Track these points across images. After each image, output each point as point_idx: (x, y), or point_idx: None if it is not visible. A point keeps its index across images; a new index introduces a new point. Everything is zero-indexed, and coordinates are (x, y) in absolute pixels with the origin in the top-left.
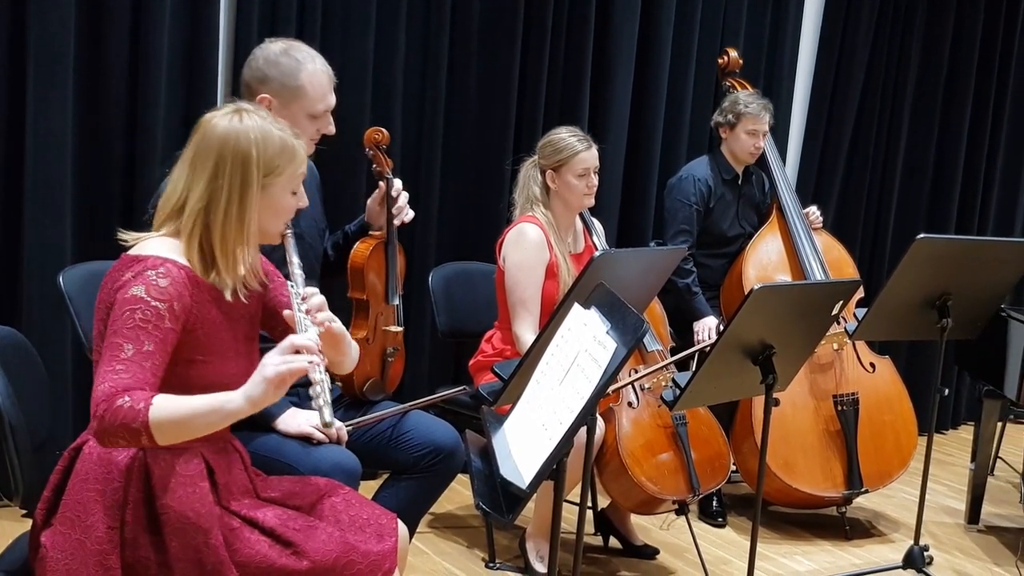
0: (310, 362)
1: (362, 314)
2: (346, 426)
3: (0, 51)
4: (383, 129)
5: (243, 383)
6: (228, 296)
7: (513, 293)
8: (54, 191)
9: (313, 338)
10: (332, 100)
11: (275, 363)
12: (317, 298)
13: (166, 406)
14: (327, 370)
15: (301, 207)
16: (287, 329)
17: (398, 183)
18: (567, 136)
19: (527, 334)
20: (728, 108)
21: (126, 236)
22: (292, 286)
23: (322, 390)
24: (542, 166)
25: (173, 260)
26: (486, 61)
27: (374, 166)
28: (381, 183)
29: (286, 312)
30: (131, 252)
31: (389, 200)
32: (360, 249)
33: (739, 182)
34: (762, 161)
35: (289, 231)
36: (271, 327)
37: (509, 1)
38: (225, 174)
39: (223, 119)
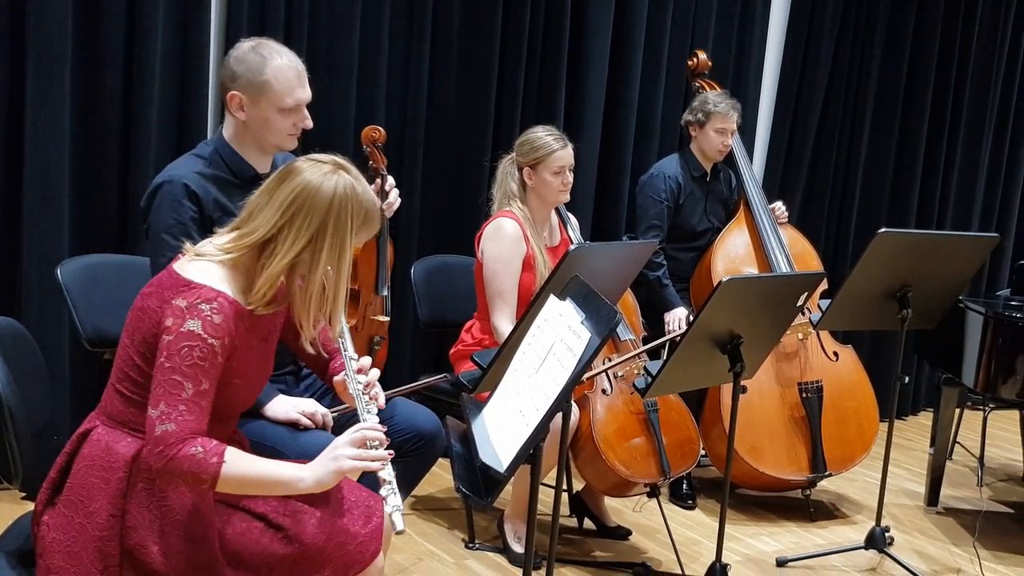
0: (382, 461)
1: (352, 303)
2: (331, 412)
3: (0, 52)
4: (380, 128)
5: (256, 395)
6: (309, 348)
7: (491, 285)
8: (52, 187)
9: (377, 425)
10: (302, 95)
11: (349, 455)
12: (373, 373)
13: (238, 466)
14: None
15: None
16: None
17: (391, 180)
18: (544, 135)
19: (504, 324)
20: (698, 107)
21: (191, 249)
22: (343, 347)
23: (392, 491)
24: (519, 163)
25: (224, 294)
26: (466, 64)
27: (370, 163)
28: (377, 180)
29: (337, 380)
30: (180, 271)
31: (382, 196)
32: None
33: (707, 179)
34: (730, 159)
35: (343, 323)
36: (289, 339)
37: (488, 7)
38: (327, 238)
39: (328, 178)
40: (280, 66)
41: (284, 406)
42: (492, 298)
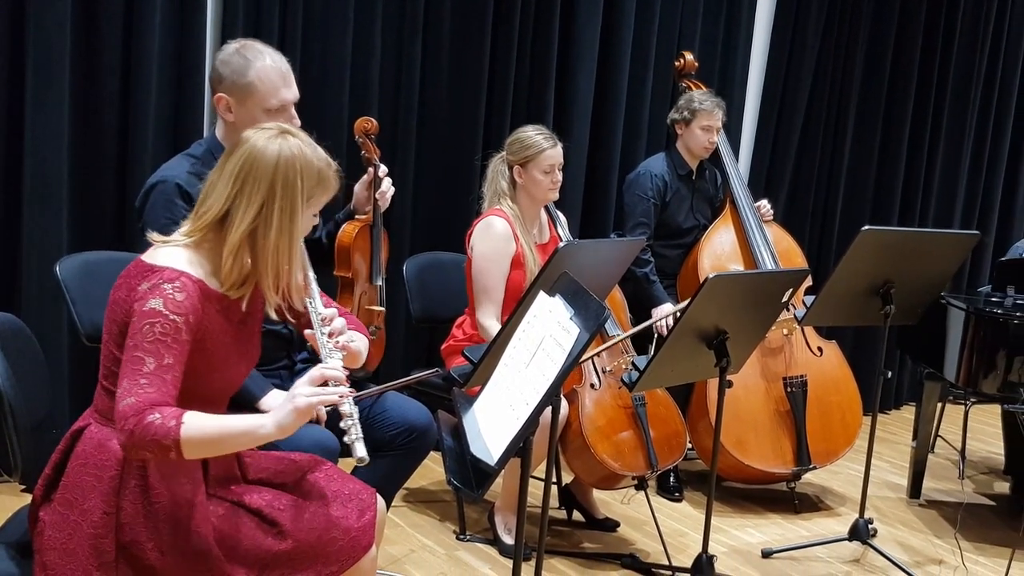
0: (340, 395)
1: (347, 292)
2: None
3: (0, 54)
4: (372, 119)
5: (239, 383)
6: (272, 314)
7: (478, 282)
8: (51, 186)
9: (340, 367)
10: (287, 95)
11: (306, 394)
12: (338, 321)
13: (197, 425)
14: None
15: (315, 223)
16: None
17: (383, 168)
18: (534, 134)
19: (488, 320)
20: (684, 106)
21: (156, 237)
22: (310, 303)
23: (353, 423)
24: (510, 161)
25: (187, 273)
26: (457, 64)
27: (363, 152)
28: (369, 169)
29: (307, 332)
30: (146, 258)
31: (375, 185)
32: (347, 230)
33: (693, 177)
34: (716, 157)
35: (312, 282)
36: (282, 316)
37: (479, 8)
38: (276, 201)
39: (272, 142)
40: (264, 67)
41: (278, 400)
42: (478, 295)
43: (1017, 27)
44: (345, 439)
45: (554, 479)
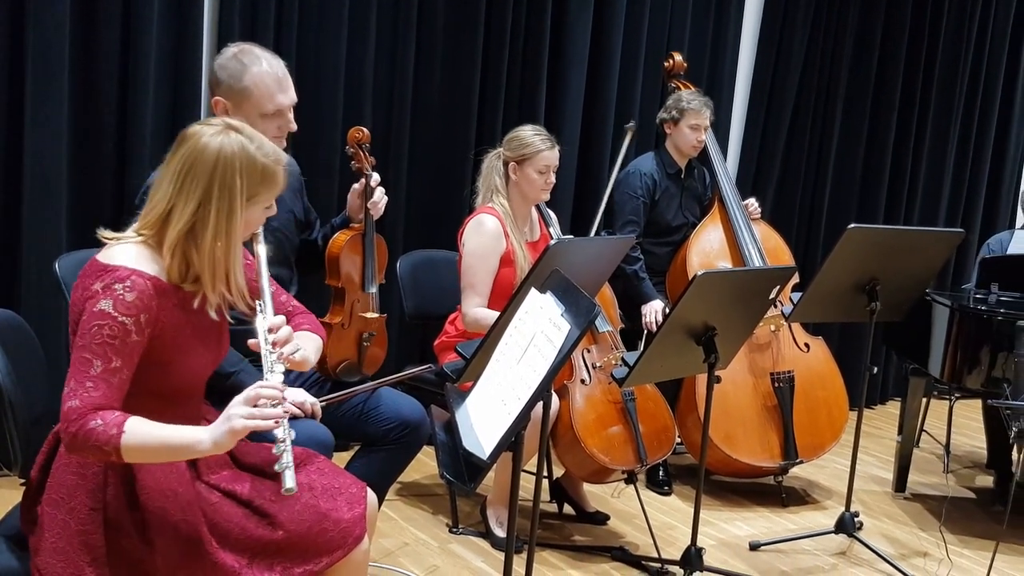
0: (276, 420)
1: (338, 301)
2: (320, 402)
3: (1, 55)
4: (364, 128)
5: (208, 374)
6: (213, 314)
7: (465, 276)
8: (50, 185)
9: (279, 384)
10: (283, 100)
11: (242, 415)
12: (284, 331)
13: (138, 433)
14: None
15: (270, 215)
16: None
17: (376, 176)
18: (534, 135)
19: (471, 308)
20: (672, 105)
21: (106, 234)
22: (260, 308)
23: (285, 449)
24: (506, 158)
25: (140, 271)
26: (450, 65)
27: (353, 163)
28: (362, 179)
29: (251, 341)
30: (101, 258)
31: (367, 194)
32: (337, 240)
33: (682, 176)
34: (704, 157)
35: (261, 242)
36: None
37: (471, 11)
38: (212, 201)
39: (213, 139)
40: (260, 73)
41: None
42: (465, 288)
43: (1001, 28)
44: (276, 467)
45: (545, 473)
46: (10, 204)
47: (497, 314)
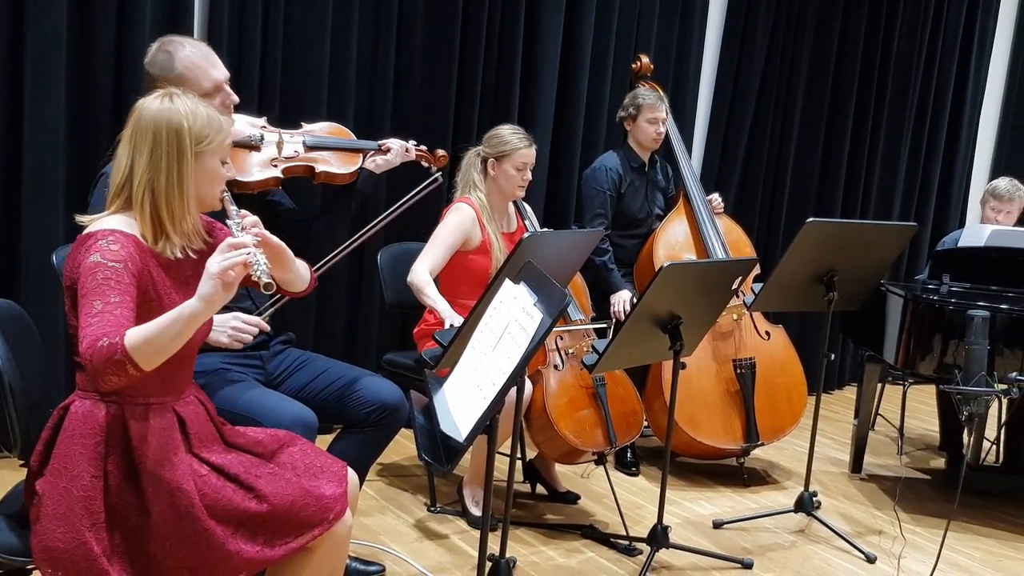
0: (248, 252)
1: None
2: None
3: (1, 58)
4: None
5: (198, 341)
6: (178, 253)
7: (430, 240)
8: (48, 181)
9: (247, 237)
10: (217, 74)
11: (217, 260)
12: (251, 218)
13: (137, 332)
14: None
15: (230, 177)
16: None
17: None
18: (513, 133)
19: (420, 266)
20: (629, 103)
21: (83, 219)
22: (229, 212)
23: (259, 265)
24: (485, 154)
25: (119, 230)
26: (428, 66)
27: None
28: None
29: (228, 239)
30: (83, 233)
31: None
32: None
33: (645, 169)
34: (670, 154)
35: (227, 194)
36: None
37: (449, 16)
38: (162, 147)
39: (155, 101)
40: (187, 56)
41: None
42: (426, 247)
43: (952, 33)
44: (253, 277)
45: (519, 455)
46: (9, 198)
47: (430, 293)
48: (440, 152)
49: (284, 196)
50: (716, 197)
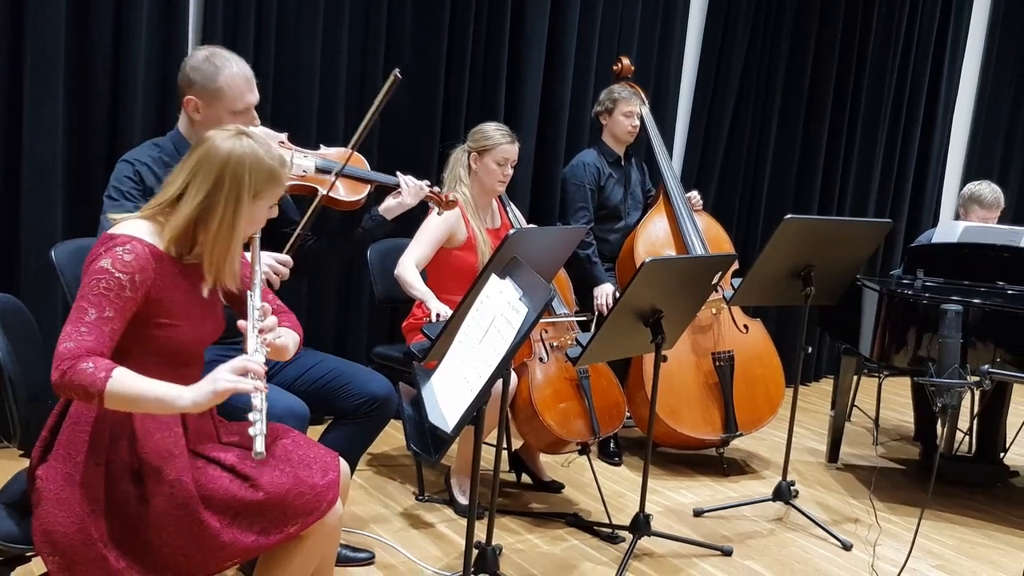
0: (256, 388)
1: None
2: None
3: (1, 59)
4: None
5: (209, 341)
6: (205, 293)
7: (416, 234)
8: (47, 178)
9: (261, 363)
10: (251, 99)
11: (226, 379)
12: (271, 319)
13: (123, 383)
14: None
15: (272, 215)
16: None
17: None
18: (496, 130)
19: (407, 260)
20: (604, 99)
21: (116, 217)
22: (251, 296)
23: (260, 419)
24: (469, 148)
25: (139, 239)
26: (416, 68)
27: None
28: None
29: (240, 323)
30: (110, 231)
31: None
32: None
33: (622, 163)
34: (650, 154)
35: (257, 236)
36: (230, 300)
37: (436, 19)
38: (222, 193)
39: (227, 140)
40: (232, 75)
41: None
42: (413, 240)
43: (926, 33)
44: (250, 431)
45: (504, 445)
46: (9, 196)
47: (417, 286)
48: (451, 197)
49: (288, 203)
50: (695, 195)
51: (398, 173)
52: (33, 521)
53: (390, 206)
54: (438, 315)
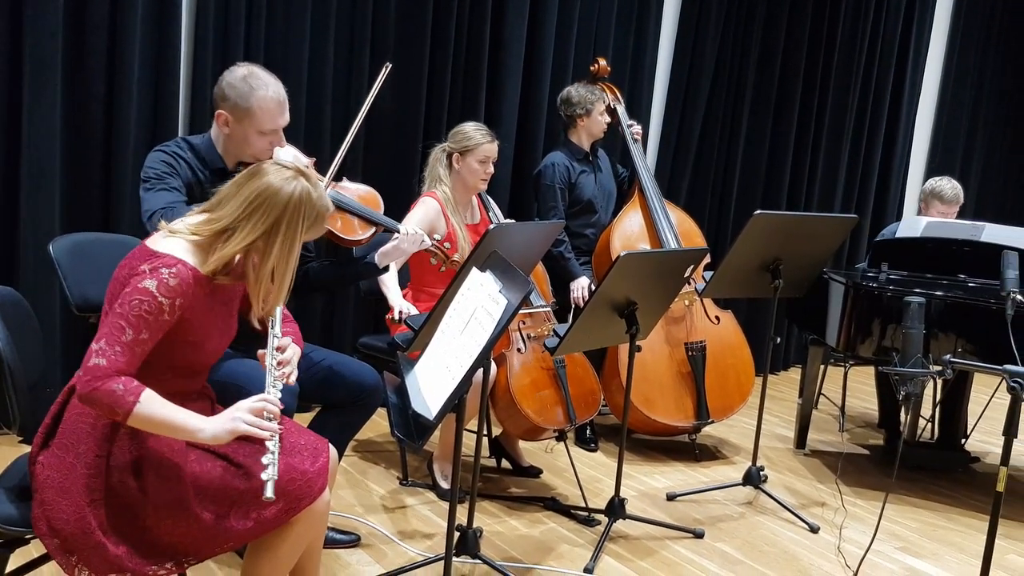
0: (272, 433)
1: None
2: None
3: (1, 60)
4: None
5: (223, 351)
6: (256, 324)
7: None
8: (45, 175)
9: (277, 401)
10: (281, 122)
11: (246, 421)
12: (290, 351)
13: (149, 408)
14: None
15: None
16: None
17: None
18: (476, 129)
19: None
20: (579, 103)
21: (165, 226)
22: (272, 327)
23: (272, 462)
24: (450, 149)
25: (185, 262)
26: (400, 71)
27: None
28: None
29: (260, 352)
30: (150, 244)
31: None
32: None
33: (590, 158)
34: (625, 150)
35: (278, 312)
36: (243, 310)
37: (419, 23)
38: (279, 235)
39: (288, 184)
40: (266, 97)
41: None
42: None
43: (890, 36)
44: (262, 475)
45: (485, 432)
46: (9, 192)
47: (387, 282)
48: (456, 257)
49: None
50: (636, 127)
51: (402, 223)
52: (34, 507)
53: (387, 250)
54: (401, 312)
